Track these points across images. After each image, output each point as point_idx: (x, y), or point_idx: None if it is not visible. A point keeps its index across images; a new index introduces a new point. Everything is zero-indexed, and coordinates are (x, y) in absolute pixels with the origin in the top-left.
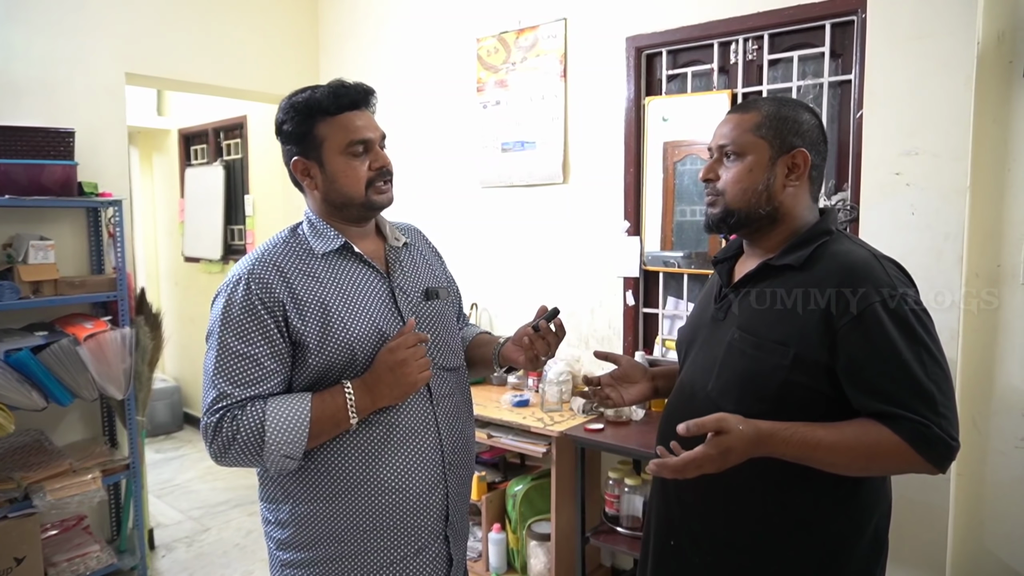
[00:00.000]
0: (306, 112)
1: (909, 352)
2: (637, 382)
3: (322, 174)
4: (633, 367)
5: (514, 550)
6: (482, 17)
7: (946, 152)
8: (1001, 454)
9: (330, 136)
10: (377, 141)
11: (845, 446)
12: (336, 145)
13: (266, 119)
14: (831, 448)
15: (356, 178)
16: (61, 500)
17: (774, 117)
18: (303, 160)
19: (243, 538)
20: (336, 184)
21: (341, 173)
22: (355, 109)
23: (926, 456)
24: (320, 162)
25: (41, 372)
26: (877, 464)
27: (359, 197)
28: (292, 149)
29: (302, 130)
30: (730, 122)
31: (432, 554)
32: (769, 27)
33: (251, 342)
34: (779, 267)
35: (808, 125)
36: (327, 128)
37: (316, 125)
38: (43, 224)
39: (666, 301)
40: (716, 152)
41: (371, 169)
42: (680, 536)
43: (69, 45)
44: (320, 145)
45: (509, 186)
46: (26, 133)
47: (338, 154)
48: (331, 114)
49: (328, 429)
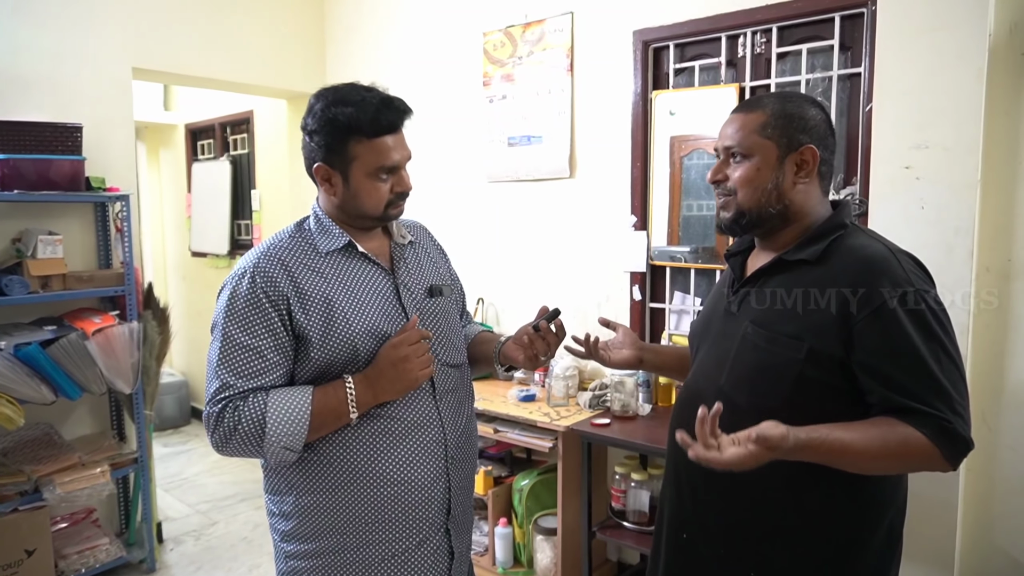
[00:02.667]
0: (345, 130)
1: (926, 349)
2: (626, 348)
3: (344, 187)
4: (627, 335)
5: (520, 544)
6: (488, 11)
7: (957, 146)
8: (1011, 450)
9: (362, 156)
10: (403, 164)
11: (875, 448)
12: (365, 166)
13: (272, 114)
14: (860, 452)
15: (378, 199)
16: (71, 493)
17: (779, 115)
18: (327, 168)
19: (251, 532)
20: (356, 201)
21: (364, 192)
22: (392, 132)
23: (946, 453)
24: (346, 176)
25: (50, 366)
26: (902, 463)
27: (376, 213)
28: (319, 153)
29: (335, 143)
30: (735, 123)
31: (433, 547)
32: (778, 20)
33: (255, 334)
34: (793, 261)
35: (815, 120)
36: (361, 148)
37: (351, 143)
38: (51, 219)
39: (673, 296)
40: (723, 153)
41: (392, 192)
42: (692, 529)
43: (76, 40)
44: (350, 162)
45: (516, 181)
46: (34, 128)
47: (365, 175)
48: (368, 137)
49: (329, 422)
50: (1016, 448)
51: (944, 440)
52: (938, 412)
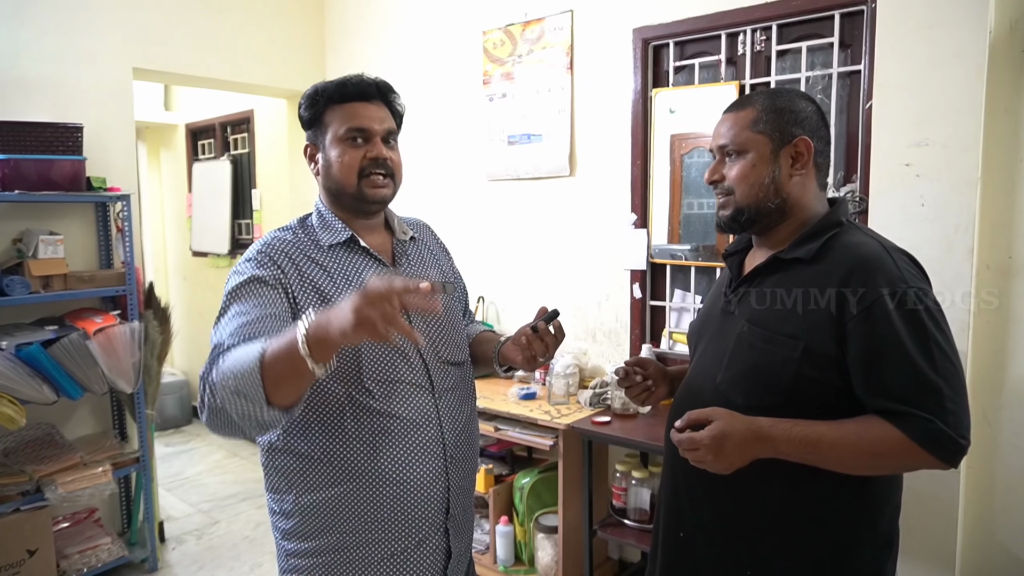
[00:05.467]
0: (315, 97)
1: (916, 347)
2: (660, 386)
3: (323, 159)
4: (658, 372)
5: (521, 543)
6: (488, 9)
7: (957, 143)
8: (1012, 447)
9: (333, 122)
10: (379, 133)
11: (847, 444)
12: (336, 130)
13: (273, 113)
14: (832, 445)
15: (348, 166)
16: (72, 493)
17: (770, 110)
18: (311, 145)
19: (252, 531)
20: (330, 170)
21: (335, 159)
22: (364, 100)
23: (934, 454)
24: (323, 147)
25: (51, 366)
26: (883, 462)
27: (350, 187)
28: (306, 135)
29: (312, 115)
30: (727, 121)
31: (433, 546)
32: (777, 18)
33: (258, 305)
34: (789, 260)
35: (805, 112)
36: (332, 114)
37: (325, 111)
38: (52, 219)
39: (673, 294)
40: (717, 153)
41: (365, 158)
42: (689, 528)
43: (77, 41)
44: (326, 130)
45: (515, 179)
46: (35, 128)
47: (336, 139)
48: (337, 101)
49: (284, 361)
50: (1017, 445)
51: (928, 441)
52: (921, 412)
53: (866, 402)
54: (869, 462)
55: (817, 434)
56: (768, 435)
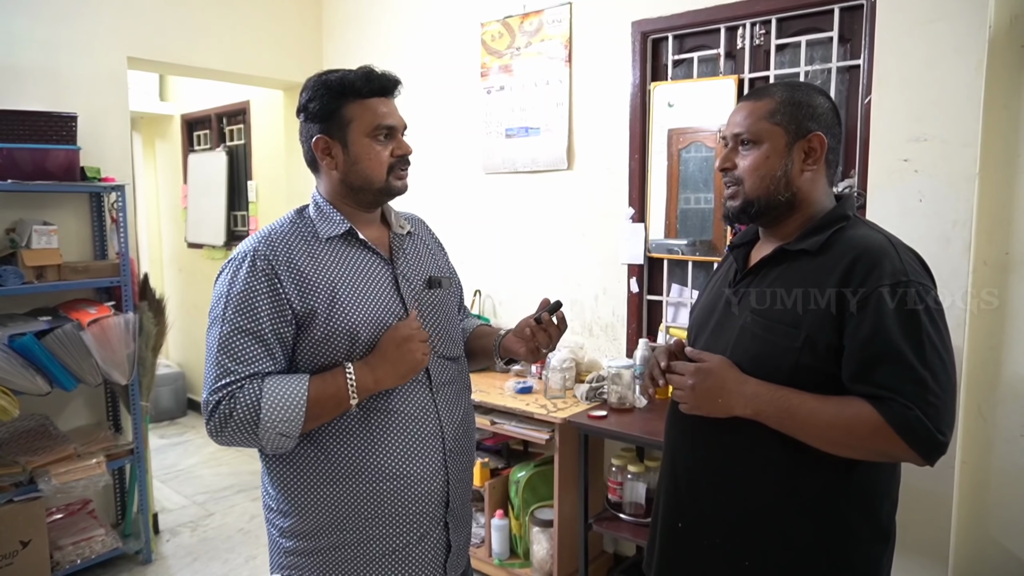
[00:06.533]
0: (338, 91)
1: (907, 339)
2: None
3: (344, 155)
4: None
5: (517, 536)
6: (486, 1)
7: (955, 138)
8: (1006, 442)
9: (358, 118)
10: (400, 129)
11: (825, 415)
12: (363, 127)
13: (269, 104)
14: (811, 413)
15: (379, 162)
16: (66, 484)
17: (788, 103)
18: (326, 139)
19: (247, 523)
20: (358, 166)
21: (364, 155)
22: (384, 96)
23: (908, 441)
24: (344, 142)
25: (45, 357)
26: (858, 441)
27: (379, 181)
28: (316, 127)
29: (330, 108)
30: (744, 110)
31: (433, 541)
32: (777, 11)
33: (254, 318)
34: (795, 252)
35: (823, 108)
36: (356, 110)
37: (345, 105)
38: (46, 209)
39: (670, 288)
40: (731, 141)
41: (393, 155)
42: (688, 518)
43: (71, 29)
44: (347, 125)
45: (513, 172)
46: (29, 117)
47: (363, 136)
48: (361, 97)
49: (329, 409)
50: (1011, 440)
51: (903, 427)
52: (901, 399)
53: (851, 388)
54: (843, 439)
55: (799, 399)
56: (753, 391)
